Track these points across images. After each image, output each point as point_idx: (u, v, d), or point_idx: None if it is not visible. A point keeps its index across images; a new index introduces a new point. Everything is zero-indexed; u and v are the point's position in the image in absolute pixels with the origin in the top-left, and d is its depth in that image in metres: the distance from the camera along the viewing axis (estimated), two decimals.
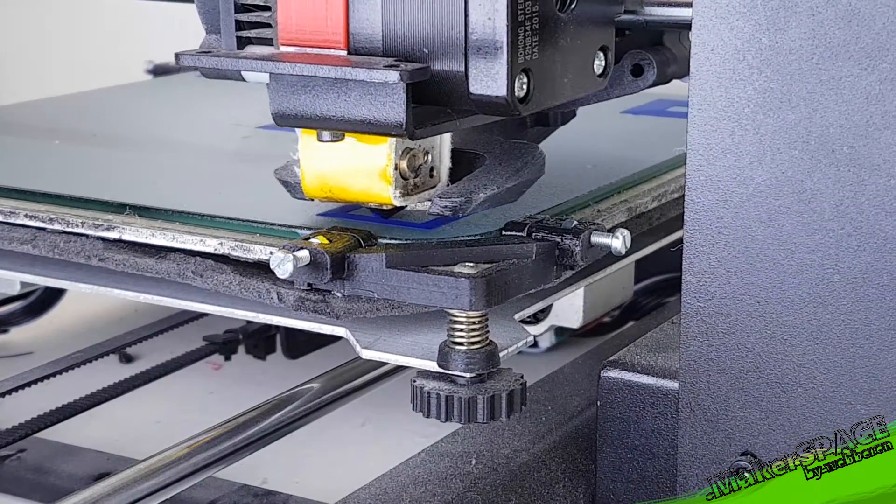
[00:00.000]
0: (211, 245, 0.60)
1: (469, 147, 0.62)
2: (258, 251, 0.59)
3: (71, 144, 0.82)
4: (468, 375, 0.55)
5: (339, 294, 0.57)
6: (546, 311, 0.86)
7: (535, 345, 0.93)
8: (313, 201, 0.61)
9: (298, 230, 0.60)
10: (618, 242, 0.59)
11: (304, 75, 0.55)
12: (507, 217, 0.60)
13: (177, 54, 0.57)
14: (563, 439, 0.67)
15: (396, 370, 0.72)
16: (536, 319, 0.87)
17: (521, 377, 0.57)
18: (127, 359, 0.95)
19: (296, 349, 0.92)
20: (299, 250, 0.55)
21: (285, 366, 0.92)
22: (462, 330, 0.55)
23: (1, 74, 1.66)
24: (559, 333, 0.93)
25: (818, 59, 0.51)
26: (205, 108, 0.96)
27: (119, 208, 0.65)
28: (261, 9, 0.58)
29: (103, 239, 0.63)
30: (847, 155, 0.52)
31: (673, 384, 0.60)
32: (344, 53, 0.55)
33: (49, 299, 1.01)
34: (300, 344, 0.91)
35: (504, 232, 0.59)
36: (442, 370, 0.55)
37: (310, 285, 0.57)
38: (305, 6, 0.55)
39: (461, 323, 0.55)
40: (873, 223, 0.52)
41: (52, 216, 0.65)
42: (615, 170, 0.72)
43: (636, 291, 0.94)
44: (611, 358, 0.63)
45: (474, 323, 0.55)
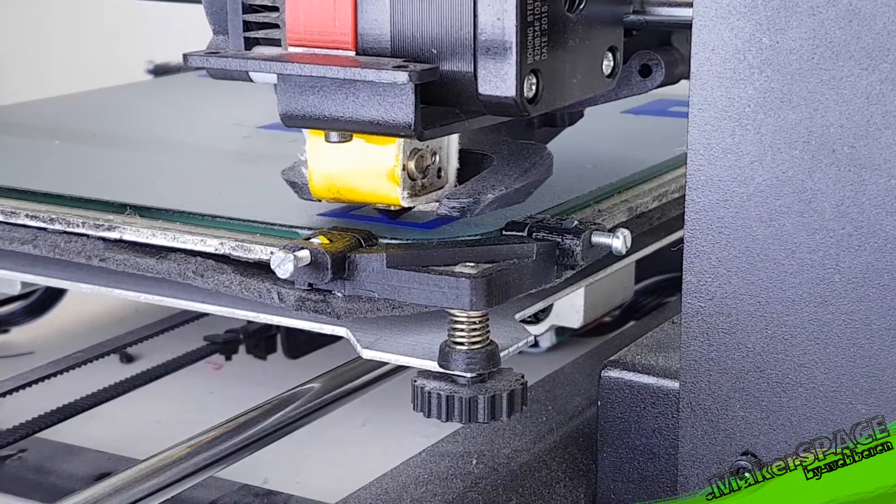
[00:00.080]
0: (212, 245, 0.60)
1: (477, 148, 0.62)
2: (259, 251, 0.59)
3: (71, 144, 0.82)
4: (469, 375, 0.55)
5: (340, 294, 0.57)
6: (547, 311, 0.86)
7: (536, 345, 0.93)
8: (313, 201, 0.61)
9: (299, 230, 0.60)
10: (618, 242, 0.59)
11: (313, 76, 0.55)
12: (508, 217, 0.60)
13: (185, 55, 0.57)
14: (564, 439, 0.67)
15: (397, 370, 0.72)
16: (537, 319, 0.87)
17: (522, 377, 0.57)
18: (127, 359, 0.95)
19: (296, 349, 0.92)
20: (300, 250, 0.55)
21: (286, 366, 0.92)
22: (463, 330, 0.55)
23: (1, 74, 1.66)
24: (560, 333, 0.93)
25: (819, 59, 0.51)
26: (205, 108, 0.96)
27: (120, 208, 0.65)
28: (268, 9, 0.58)
29: (104, 239, 0.63)
30: (848, 155, 0.52)
31: (673, 384, 0.60)
32: (352, 54, 0.55)
33: (50, 299, 1.01)
34: (301, 344, 0.91)
35: (504, 232, 0.59)
36: (443, 370, 0.55)
37: (310, 285, 0.57)
38: (313, 7, 0.55)
39: (462, 323, 0.55)
40: (874, 223, 0.52)
41: (53, 216, 0.65)
42: (616, 170, 0.72)
43: (637, 291, 0.94)
44: (611, 358, 0.63)
45: (475, 323, 0.55)
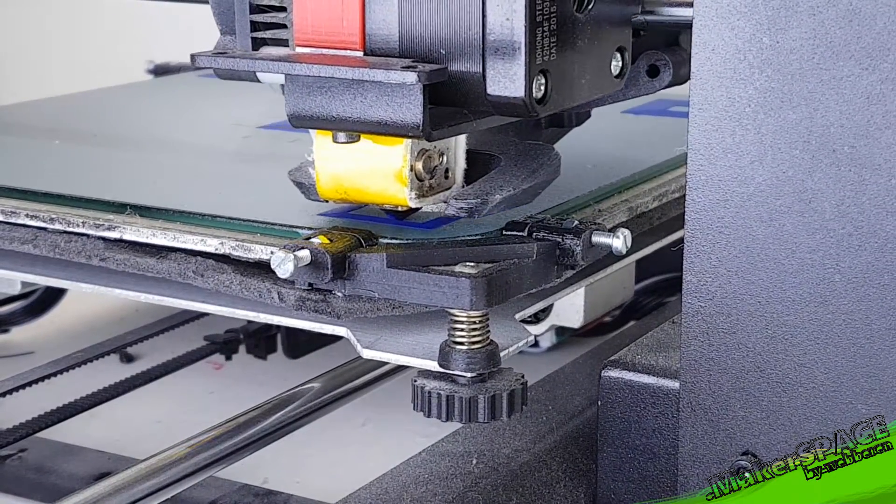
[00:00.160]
0: (212, 245, 0.60)
1: (484, 148, 0.62)
2: (259, 251, 0.59)
3: (71, 144, 0.82)
4: (469, 375, 0.55)
5: (340, 294, 0.57)
6: (547, 311, 0.86)
7: (536, 344, 0.93)
8: (320, 202, 0.61)
9: (299, 230, 0.60)
10: (618, 242, 0.59)
11: (321, 76, 0.54)
12: (508, 217, 0.60)
13: (193, 55, 0.56)
14: (564, 439, 0.67)
15: (397, 370, 0.72)
16: (537, 319, 0.87)
17: (522, 377, 0.57)
18: (128, 358, 0.95)
19: (297, 349, 0.92)
20: (300, 250, 0.55)
21: (286, 365, 0.92)
22: (463, 330, 0.55)
23: (1, 74, 1.67)
24: (560, 333, 0.93)
25: (819, 59, 0.51)
26: (205, 108, 0.96)
27: (120, 208, 0.65)
28: (276, 9, 0.57)
29: (104, 239, 0.63)
30: (848, 155, 0.52)
31: (674, 384, 0.60)
32: (360, 54, 0.55)
33: (50, 299, 1.01)
34: (301, 344, 0.91)
35: (505, 232, 0.59)
36: (443, 370, 0.55)
37: (311, 285, 0.57)
38: (321, 7, 0.55)
39: (462, 323, 0.55)
40: (874, 223, 0.52)
41: (53, 216, 0.65)
42: (616, 169, 0.72)
43: (637, 291, 0.94)
44: (612, 358, 0.63)
45: (475, 323, 0.55)
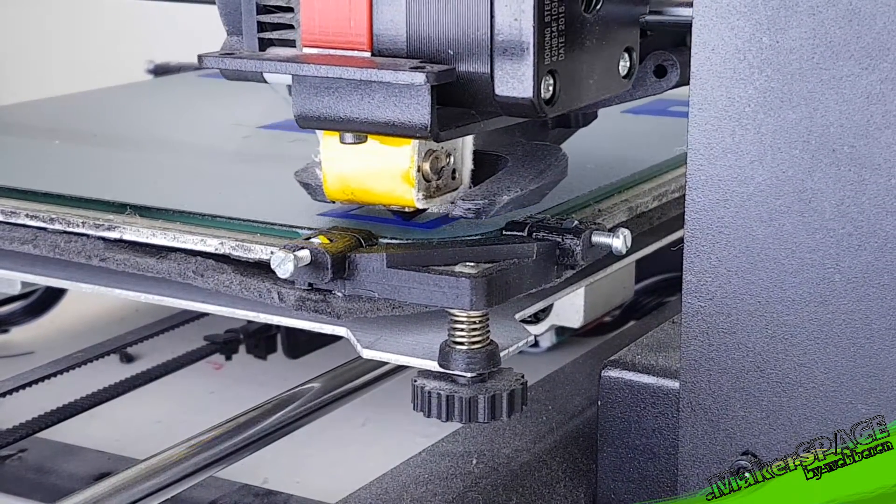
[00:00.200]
0: (212, 245, 0.60)
1: (491, 149, 0.62)
2: (259, 251, 0.59)
3: (71, 144, 0.82)
4: (469, 375, 0.55)
5: (340, 294, 0.57)
6: (547, 311, 0.86)
7: (536, 344, 0.93)
8: (318, 202, 0.61)
9: (299, 230, 0.60)
10: (618, 242, 0.59)
11: (329, 77, 0.54)
12: (508, 217, 0.60)
13: (200, 56, 0.56)
14: (564, 439, 0.67)
15: (397, 370, 0.72)
16: (537, 319, 0.87)
17: (522, 377, 0.57)
18: (128, 358, 0.95)
19: (296, 349, 0.92)
20: (300, 250, 0.55)
21: (286, 365, 0.92)
22: (463, 329, 0.55)
23: (1, 74, 1.67)
24: (560, 333, 0.93)
25: (819, 59, 0.51)
26: (205, 108, 0.96)
27: (120, 208, 0.65)
28: (283, 10, 0.57)
29: (104, 239, 0.63)
30: (848, 154, 0.52)
31: (674, 384, 0.60)
32: (368, 55, 0.55)
33: (50, 299, 1.01)
34: (301, 344, 0.91)
35: (505, 232, 0.59)
36: (443, 370, 0.55)
37: (310, 285, 0.57)
38: (329, 7, 0.55)
39: (462, 323, 0.55)
40: (874, 223, 0.52)
41: (53, 216, 0.65)
42: (616, 169, 0.72)
43: (637, 291, 0.94)
44: (612, 357, 0.63)
45: (475, 322, 0.55)
